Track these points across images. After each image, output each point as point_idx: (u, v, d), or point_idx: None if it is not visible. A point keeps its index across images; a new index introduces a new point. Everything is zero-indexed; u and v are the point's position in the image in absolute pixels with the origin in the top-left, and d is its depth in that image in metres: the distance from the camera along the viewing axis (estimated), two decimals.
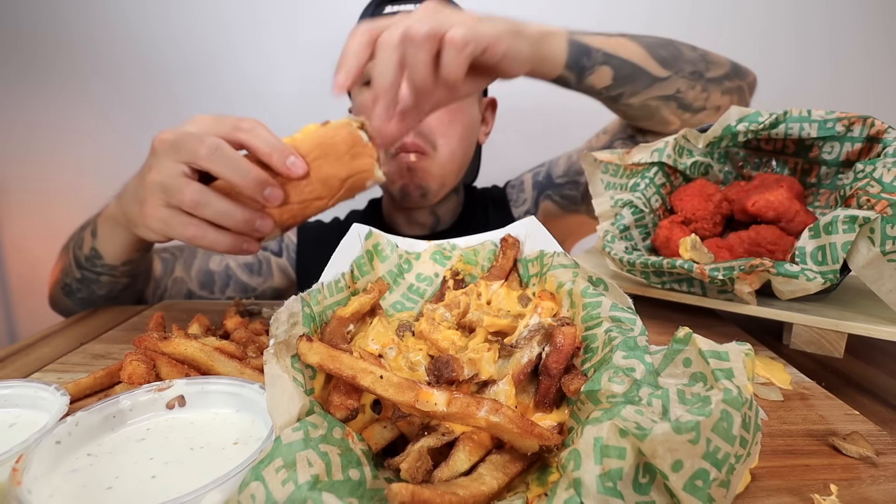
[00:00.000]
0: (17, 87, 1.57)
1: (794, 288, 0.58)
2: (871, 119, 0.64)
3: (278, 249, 1.19)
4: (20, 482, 0.30)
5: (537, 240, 0.60)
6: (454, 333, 0.47)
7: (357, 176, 0.65)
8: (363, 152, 0.64)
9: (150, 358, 0.46)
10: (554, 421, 0.38)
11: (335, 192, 0.64)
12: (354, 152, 0.64)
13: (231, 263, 1.14)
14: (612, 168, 0.83)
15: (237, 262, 1.15)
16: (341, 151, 0.63)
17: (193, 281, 1.08)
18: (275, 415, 0.34)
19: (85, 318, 0.80)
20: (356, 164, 0.64)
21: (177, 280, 1.06)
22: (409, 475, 0.31)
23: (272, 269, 1.17)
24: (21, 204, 1.65)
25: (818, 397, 0.49)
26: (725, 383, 0.31)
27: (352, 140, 0.63)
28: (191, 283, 1.07)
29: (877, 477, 0.37)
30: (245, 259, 1.15)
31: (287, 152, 0.60)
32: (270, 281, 1.16)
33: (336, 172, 0.63)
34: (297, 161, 0.60)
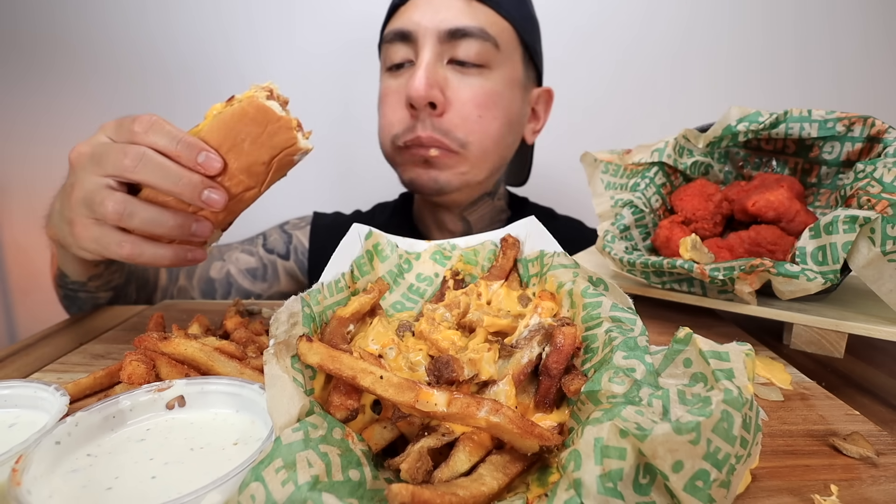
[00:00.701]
0: (16, 86, 1.57)
1: (794, 288, 0.58)
2: (871, 119, 0.64)
3: (285, 252, 1.13)
4: (20, 482, 0.30)
5: (537, 240, 0.60)
6: (454, 333, 0.46)
7: (282, 154, 0.58)
8: (279, 126, 0.57)
9: (150, 358, 0.46)
10: (554, 421, 0.38)
11: (263, 177, 0.59)
12: (270, 130, 0.57)
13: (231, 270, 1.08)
14: (612, 168, 0.83)
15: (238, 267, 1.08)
16: (256, 133, 0.56)
17: (195, 290, 1.04)
18: (275, 415, 0.34)
19: (85, 318, 0.80)
20: (276, 141, 0.57)
21: (181, 289, 1.03)
22: (409, 475, 0.31)
23: (278, 273, 1.11)
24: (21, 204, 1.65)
25: (818, 397, 0.49)
26: (726, 384, 0.31)
27: (263, 117, 0.56)
28: (193, 292, 1.04)
29: (877, 477, 0.37)
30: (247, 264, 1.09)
31: (196, 149, 0.54)
32: (277, 286, 1.10)
33: (257, 157, 0.57)
34: (209, 156, 0.54)
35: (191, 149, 0.53)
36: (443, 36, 0.91)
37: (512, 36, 0.97)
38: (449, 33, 0.91)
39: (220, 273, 1.06)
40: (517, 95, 1.00)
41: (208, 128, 0.56)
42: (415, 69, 0.92)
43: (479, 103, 0.94)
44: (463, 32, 0.91)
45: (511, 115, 0.99)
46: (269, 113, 0.56)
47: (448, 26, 0.91)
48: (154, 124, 0.54)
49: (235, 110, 0.56)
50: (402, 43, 0.95)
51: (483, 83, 0.94)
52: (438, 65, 0.93)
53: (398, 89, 0.96)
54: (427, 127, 0.93)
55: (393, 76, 0.98)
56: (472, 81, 0.94)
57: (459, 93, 0.93)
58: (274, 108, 0.56)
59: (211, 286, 1.05)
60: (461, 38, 0.92)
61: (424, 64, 0.91)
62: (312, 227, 1.17)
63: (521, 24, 0.98)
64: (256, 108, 0.55)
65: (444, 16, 0.92)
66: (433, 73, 0.91)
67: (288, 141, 0.57)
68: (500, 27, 0.95)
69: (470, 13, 0.92)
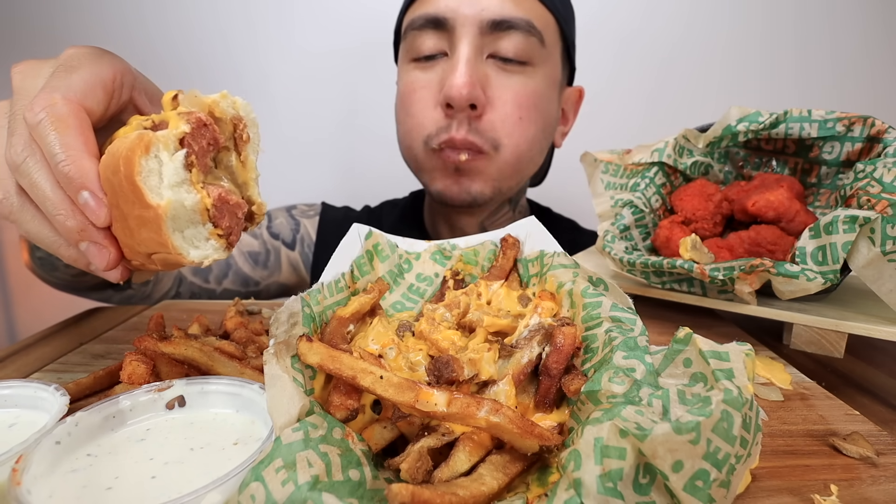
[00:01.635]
0: None
1: (794, 288, 0.58)
2: (871, 119, 0.64)
3: (291, 240, 1.03)
4: (20, 482, 0.30)
5: (537, 240, 0.60)
6: (454, 333, 0.46)
7: (160, 255, 0.38)
8: (147, 217, 0.35)
9: (150, 358, 0.46)
10: (554, 421, 0.38)
11: (153, 263, 0.40)
12: (138, 215, 0.35)
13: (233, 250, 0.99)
14: (612, 168, 0.83)
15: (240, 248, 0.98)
16: (126, 209, 0.36)
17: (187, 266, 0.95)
18: (275, 415, 0.34)
19: (85, 318, 0.80)
20: (143, 236, 0.37)
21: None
22: (409, 475, 0.31)
23: (281, 261, 1.01)
24: None
25: (818, 397, 0.49)
26: (726, 383, 0.31)
27: (132, 188, 0.35)
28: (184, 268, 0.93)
29: (877, 477, 0.37)
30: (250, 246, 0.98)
31: (77, 184, 0.37)
32: (277, 275, 1.01)
33: (129, 241, 0.38)
34: (91, 201, 0.38)
35: (70, 181, 0.38)
36: (485, 27, 0.82)
37: (555, 30, 0.89)
38: (492, 24, 0.81)
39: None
40: (555, 97, 0.93)
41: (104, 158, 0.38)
42: (453, 64, 0.83)
43: (520, 104, 0.86)
44: (508, 24, 0.82)
45: (549, 118, 0.92)
46: (139, 193, 0.35)
47: (491, 16, 0.81)
48: (44, 122, 0.38)
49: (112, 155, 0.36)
50: (434, 31, 0.84)
51: (526, 82, 0.86)
52: (479, 60, 0.84)
53: (428, 84, 0.87)
54: (463, 128, 0.84)
55: (421, 69, 0.88)
56: (515, 81, 0.85)
57: (501, 92, 0.85)
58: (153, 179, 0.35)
59: None
60: (505, 30, 0.82)
61: (465, 59, 0.81)
62: (321, 219, 1.09)
63: (564, 16, 0.90)
64: (129, 178, 0.35)
65: (485, 3, 0.81)
66: (474, 69, 0.82)
67: (160, 245, 0.36)
68: (546, 20, 0.86)
69: (514, 2, 0.82)
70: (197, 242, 0.37)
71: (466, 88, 0.80)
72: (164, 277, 0.92)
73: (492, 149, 0.86)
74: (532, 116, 0.87)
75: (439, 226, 1.05)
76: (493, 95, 0.85)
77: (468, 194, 0.89)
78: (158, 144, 0.35)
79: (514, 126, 0.86)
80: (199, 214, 0.36)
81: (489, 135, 0.85)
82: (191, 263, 0.38)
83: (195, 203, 0.36)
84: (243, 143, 0.40)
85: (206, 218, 0.37)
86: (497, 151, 0.87)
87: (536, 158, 0.94)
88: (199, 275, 0.94)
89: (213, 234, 0.37)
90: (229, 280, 0.96)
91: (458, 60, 0.82)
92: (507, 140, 0.86)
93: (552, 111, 0.93)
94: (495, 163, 0.88)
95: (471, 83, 0.81)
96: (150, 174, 0.35)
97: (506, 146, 0.87)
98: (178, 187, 0.35)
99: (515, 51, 0.83)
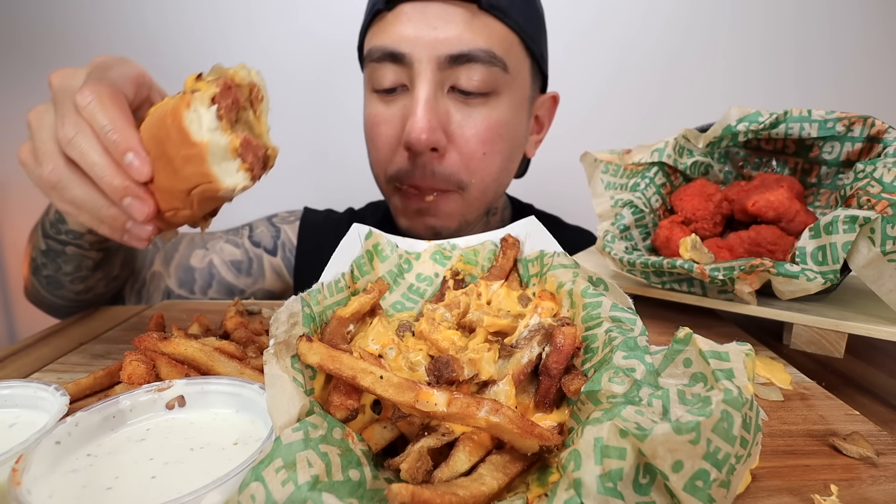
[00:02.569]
0: (15, 85, 1.57)
1: (794, 288, 0.58)
2: (871, 119, 0.64)
3: (272, 247, 1.03)
4: (20, 482, 0.30)
5: (537, 240, 0.60)
6: (454, 333, 0.46)
7: (201, 187, 0.47)
8: (192, 155, 0.44)
9: (150, 358, 0.46)
10: (554, 421, 0.38)
11: (188, 204, 0.49)
12: (185, 154, 0.45)
13: (215, 260, 0.97)
14: (612, 168, 0.83)
15: (222, 258, 0.98)
16: (173, 152, 0.45)
17: (171, 277, 0.94)
18: (275, 415, 0.34)
19: (85, 318, 0.80)
20: (187, 172, 0.46)
21: (155, 275, 0.93)
22: (409, 475, 0.31)
23: (264, 268, 1.02)
24: (21, 204, 1.65)
25: (818, 397, 0.49)
26: (726, 383, 0.31)
27: (179, 137, 0.44)
28: (168, 280, 0.94)
29: (877, 477, 0.37)
30: (232, 256, 0.99)
31: (123, 146, 0.46)
32: (261, 282, 1.01)
33: (173, 182, 0.47)
34: (135, 160, 0.47)
35: (117, 145, 0.46)
36: (443, 62, 0.79)
37: (520, 50, 0.86)
38: (450, 59, 0.79)
39: (201, 262, 0.96)
40: (523, 116, 0.91)
41: (147, 122, 0.48)
42: (412, 104, 0.81)
43: (483, 139, 0.84)
44: (467, 57, 0.79)
45: (515, 141, 0.90)
46: (185, 135, 0.44)
47: (449, 51, 0.78)
48: (93, 103, 0.47)
49: (156, 117, 0.46)
50: (392, 64, 0.82)
51: (489, 114, 0.84)
52: (439, 95, 0.82)
53: (390, 119, 0.85)
54: (427, 173, 0.83)
55: (383, 101, 0.87)
56: (477, 114, 0.83)
57: (463, 129, 0.83)
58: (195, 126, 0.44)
59: (190, 275, 0.95)
60: (465, 63, 0.79)
61: (423, 101, 0.79)
62: (301, 223, 1.09)
63: (529, 31, 0.86)
64: (176, 125, 0.44)
65: (443, 34, 0.78)
66: (434, 110, 0.80)
67: (201, 177, 0.45)
68: (509, 42, 0.83)
69: (473, 30, 0.79)
70: (229, 173, 0.46)
71: (425, 134, 0.79)
72: (154, 293, 0.94)
73: (458, 188, 0.86)
74: (497, 148, 0.86)
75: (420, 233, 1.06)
76: (454, 133, 0.83)
77: (432, 229, 0.90)
78: (196, 101, 0.44)
79: (477, 163, 0.85)
80: (230, 153, 0.46)
81: (453, 177, 0.85)
82: (224, 190, 0.46)
83: (227, 143, 0.45)
84: (258, 102, 0.51)
85: (235, 155, 0.46)
86: (464, 190, 0.86)
87: (504, 183, 0.94)
88: (184, 287, 0.95)
89: (241, 168, 0.46)
90: (213, 290, 0.97)
91: (417, 102, 0.80)
92: (473, 178, 0.86)
93: (519, 133, 0.91)
94: (462, 200, 0.88)
95: (429, 128, 0.79)
96: (191, 122, 0.44)
97: (472, 183, 0.86)
98: (214, 132, 0.45)
99: (477, 84, 0.81)
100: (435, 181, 0.84)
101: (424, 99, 0.80)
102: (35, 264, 0.78)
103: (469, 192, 0.87)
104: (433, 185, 0.85)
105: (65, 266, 0.75)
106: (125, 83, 0.52)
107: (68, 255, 0.74)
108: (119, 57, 0.54)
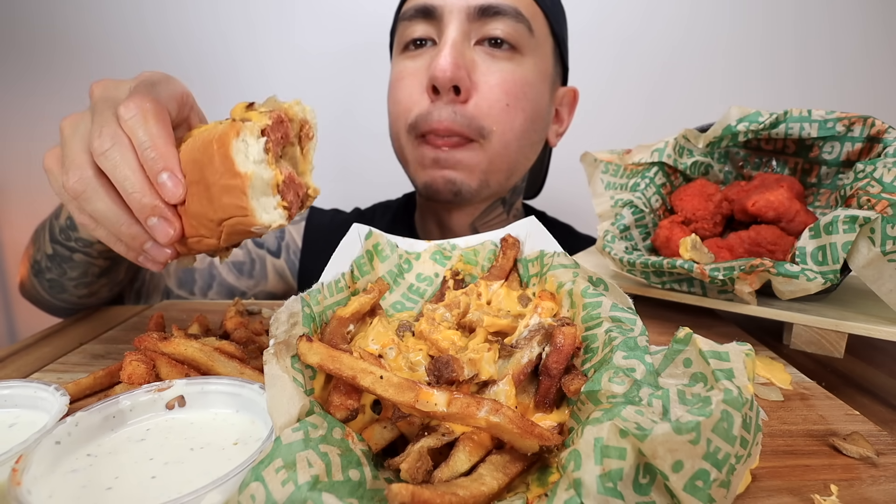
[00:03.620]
0: (16, 85, 1.57)
1: (794, 288, 0.58)
2: (871, 119, 0.64)
3: (276, 248, 1.02)
4: (20, 482, 0.30)
5: (537, 240, 0.60)
6: (454, 333, 0.46)
7: (234, 219, 0.45)
8: (233, 186, 0.43)
9: (150, 358, 0.46)
10: (554, 421, 0.38)
11: (216, 234, 0.47)
12: (225, 184, 0.43)
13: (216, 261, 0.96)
14: (612, 168, 0.83)
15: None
16: (212, 179, 0.44)
17: (172, 277, 0.94)
18: (275, 415, 0.34)
19: (85, 318, 0.80)
20: (225, 202, 0.44)
21: (154, 274, 0.93)
22: (409, 475, 0.31)
23: (266, 270, 1.01)
24: (21, 204, 1.65)
25: (818, 397, 0.49)
26: (726, 383, 0.31)
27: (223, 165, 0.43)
28: (168, 280, 0.93)
29: (877, 477, 0.37)
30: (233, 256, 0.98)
31: (160, 165, 0.45)
32: (263, 284, 1.01)
33: (205, 210, 0.45)
34: (169, 181, 0.45)
35: (155, 163, 0.46)
36: (472, 13, 0.83)
37: (544, 24, 0.89)
38: (479, 10, 0.82)
39: (202, 262, 0.96)
40: (545, 90, 0.91)
41: (188, 144, 0.46)
42: (438, 48, 0.83)
43: (507, 90, 0.84)
44: (495, 10, 0.82)
45: (539, 109, 0.90)
46: (230, 163, 0.43)
47: (479, 2, 0.82)
48: (136, 117, 0.46)
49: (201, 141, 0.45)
50: (423, 20, 0.86)
51: (514, 69, 0.85)
52: (465, 45, 0.84)
53: (415, 71, 0.87)
54: (446, 114, 0.83)
55: (410, 57, 0.89)
56: (503, 66, 0.85)
57: (488, 77, 0.84)
58: (241, 156, 0.43)
59: (190, 275, 0.95)
60: (493, 15, 0.83)
61: (450, 41, 0.82)
62: (307, 224, 1.08)
63: (554, 13, 0.91)
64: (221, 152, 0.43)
65: None
66: (460, 52, 0.82)
67: (237, 210, 0.44)
68: (534, 11, 0.87)
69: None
70: (267, 209, 0.45)
71: (450, 69, 0.80)
72: (154, 293, 0.93)
73: (478, 136, 0.85)
74: (520, 104, 0.86)
75: (430, 227, 1.04)
76: (479, 80, 0.84)
77: (453, 184, 0.87)
78: (246, 131, 0.43)
79: (500, 112, 0.84)
80: (272, 188, 0.45)
81: (475, 122, 0.84)
82: (259, 226, 0.45)
83: (270, 178, 0.44)
84: (307, 139, 0.50)
85: (276, 191, 0.45)
86: (485, 139, 0.85)
87: (527, 152, 0.92)
88: (184, 287, 0.95)
89: (279, 205, 0.45)
90: (214, 291, 0.96)
91: (444, 44, 0.82)
92: (495, 127, 0.85)
93: (542, 104, 0.91)
94: (482, 152, 0.86)
95: (455, 65, 0.80)
96: (238, 152, 0.43)
97: (493, 133, 0.85)
98: (259, 164, 0.44)
99: (503, 34, 0.83)
100: (455, 123, 0.83)
101: (452, 41, 0.82)
102: (38, 267, 0.77)
103: (490, 142, 0.85)
104: (452, 128, 0.83)
105: (70, 272, 0.75)
106: (170, 100, 0.51)
107: (75, 262, 0.74)
108: (165, 74, 0.54)
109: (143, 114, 0.46)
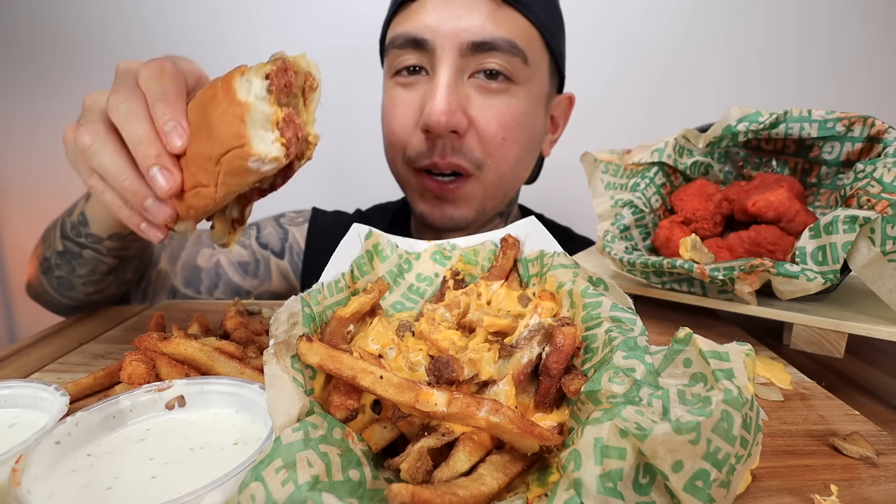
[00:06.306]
0: (16, 84, 1.57)
1: (794, 288, 0.58)
2: (871, 119, 0.64)
3: (279, 249, 1.04)
4: (20, 482, 0.30)
5: (537, 240, 0.60)
6: (454, 333, 0.46)
7: (229, 153, 0.44)
8: (231, 114, 0.43)
9: (150, 358, 0.46)
10: (554, 421, 0.38)
11: (213, 179, 0.46)
12: (224, 111, 0.43)
13: (222, 260, 0.97)
14: (612, 168, 0.83)
15: (229, 259, 0.98)
16: (214, 114, 0.44)
17: (178, 276, 0.94)
18: (275, 415, 0.34)
19: (85, 318, 0.80)
20: (223, 133, 0.44)
21: (160, 273, 0.93)
22: (409, 475, 0.31)
23: (270, 270, 1.02)
24: (21, 204, 1.65)
25: (818, 397, 0.49)
26: (726, 384, 0.31)
27: (226, 94, 0.43)
28: (175, 279, 0.94)
29: (877, 477, 0.37)
30: (239, 257, 0.99)
31: (166, 116, 0.46)
32: (268, 284, 1.02)
33: (203, 149, 0.45)
34: (173, 129, 0.46)
35: (162, 114, 0.47)
36: (465, 49, 0.80)
37: (540, 45, 0.87)
38: (473, 46, 0.80)
39: (208, 262, 0.96)
40: (540, 113, 0.91)
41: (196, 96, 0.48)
42: (433, 87, 0.81)
43: (503, 124, 0.84)
44: (489, 46, 0.80)
45: (533, 135, 0.90)
46: (231, 94, 0.43)
47: (472, 38, 0.79)
48: (154, 75, 0.49)
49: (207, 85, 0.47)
50: (414, 50, 0.83)
51: (509, 101, 0.84)
52: (459, 81, 0.82)
53: (409, 103, 0.86)
54: (446, 152, 0.83)
55: (402, 84, 0.87)
56: (497, 101, 0.84)
57: (484, 112, 0.83)
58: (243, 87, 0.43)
59: (196, 275, 0.95)
60: (487, 51, 0.80)
61: (444, 84, 0.80)
62: (310, 226, 1.09)
63: (549, 28, 0.88)
64: (224, 87, 0.44)
65: (466, 23, 0.79)
66: (454, 94, 0.80)
67: (235, 138, 0.43)
68: (529, 36, 0.84)
69: (496, 21, 0.80)
70: (264, 141, 0.45)
71: (445, 116, 0.79)
72: (160, 292, 0.94)
73: (475, 168, 0.85)
74: (515, 136, 0.86)
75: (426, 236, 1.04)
76: (474, 115, 0.83)
77: (451, 220, 0.89)
78: (251, 72, 0.45)
79: (497, 146, 0.84)
80: (271, 124, 0.45)
81: (472, 154, 0.84)
82: (255, 156, 0.44)
83: (270, 113, 0.45)
84: (310, 91, 0.51)
85: (275, 127, 0.45)
86: (481, 170, 0.85)
87: (521, 176, 0.93)
88: (190, 286, 0.95)
89: (277, 140, 0.45)
90: (220, 291, 0.97)
91: (438, 86, 0.80)
92: (490, 160, 0.85)
93: (537, 128, 0.91)
94: (478, 184, 0.87)
95: (450, 110, 0.79)
96: (240, 85, 0.44)
97: (489, 166, 0.85)
98: (261, 100, 0.44)
99: (498, 66, 0.82)
100: (455, 159, 0.83)
101: (446, 82, 0.80)
102: (48, 264, 0.78)
103: (485, 173, 0.86)
104: (452, 162, 0.83)
105: (79, 269, 0.76)
106: (188, 72, 0.54)
107: (84, 259, 0.75)
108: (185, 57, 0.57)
109: (161, 72, 0.49)
